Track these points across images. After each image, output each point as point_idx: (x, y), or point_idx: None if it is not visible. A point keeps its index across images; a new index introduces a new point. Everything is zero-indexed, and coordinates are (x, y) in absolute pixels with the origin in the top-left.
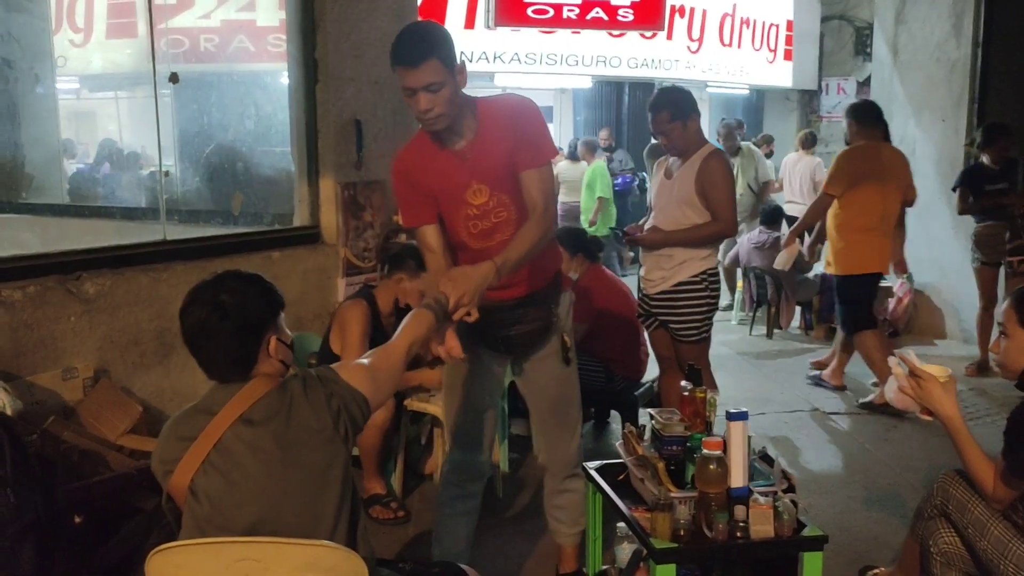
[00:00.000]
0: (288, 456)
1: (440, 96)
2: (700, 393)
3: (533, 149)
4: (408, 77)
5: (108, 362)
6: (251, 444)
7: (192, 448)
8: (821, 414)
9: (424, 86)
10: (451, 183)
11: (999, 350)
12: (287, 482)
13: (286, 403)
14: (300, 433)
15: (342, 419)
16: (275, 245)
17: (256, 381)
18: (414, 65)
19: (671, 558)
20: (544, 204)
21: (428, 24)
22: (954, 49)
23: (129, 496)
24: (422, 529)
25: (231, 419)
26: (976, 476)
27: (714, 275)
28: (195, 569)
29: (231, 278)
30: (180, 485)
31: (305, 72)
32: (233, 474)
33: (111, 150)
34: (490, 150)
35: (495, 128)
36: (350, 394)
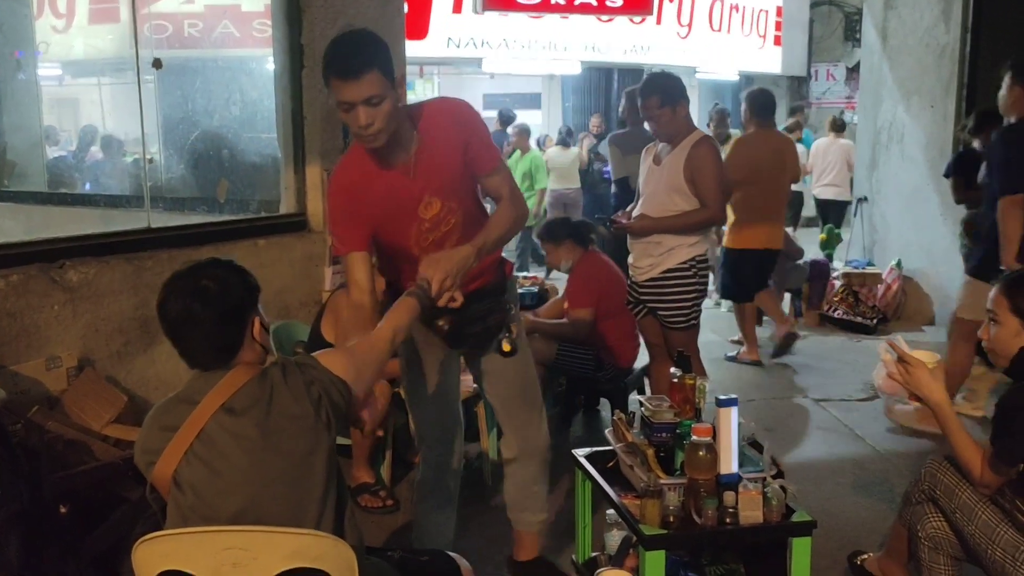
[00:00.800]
0: (270, 444)
1: (380, 110)
2: (689, 380)
3: (486, 152)
4: (345, 90)
5: (92, 351)
6: (233, 433)
7: (175, 438)
8: (810, 400)
9: (364, 100)
10: (400, 201)
11: (988, 336)
12: (270, 470)
13: (267, 391)
14: (281, 421)
15: (323, 405)
16: (261, 233)
17: (237, 370)
18: (353, 77)
19: (660, 544)
20: (510, 190)
21: (365, 32)
22: (943, 34)
23: (114, 486)
24: (411, 518)
25: (213, 408)
26: (964, 461)
27: (703, 262)
28: (182, 558)
29: (208, 265)
30: (164, 475)
31: (291, 58)
32: (216, 463)
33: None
34: (437, 160)
35: (439, 136)
36: (330, 380)
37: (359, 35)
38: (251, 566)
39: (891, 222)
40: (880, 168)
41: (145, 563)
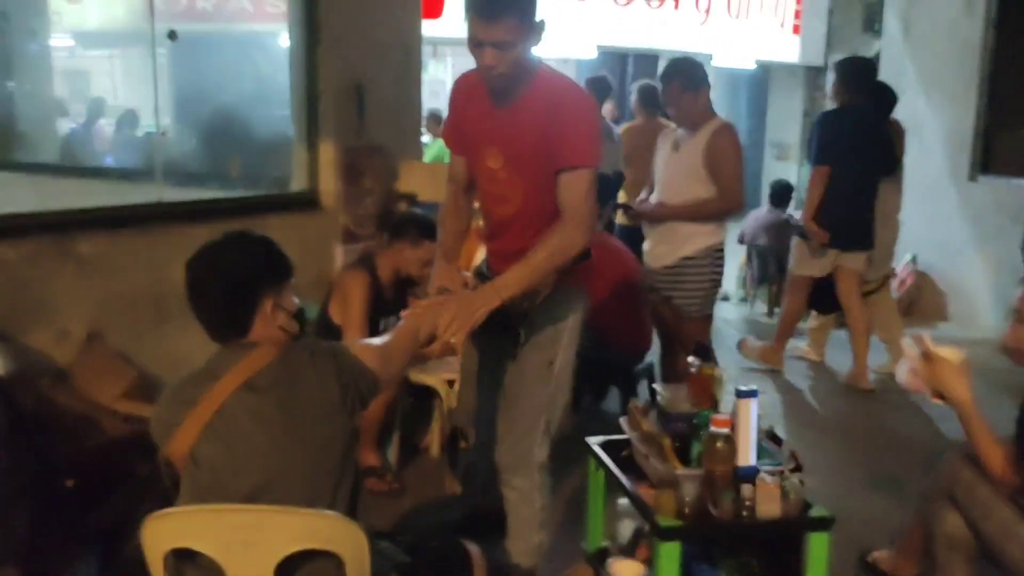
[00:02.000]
0: (291, 424)
1: (508, 55)
2: (708, 370)
3: (565, 149)
4: (479, 29)
5: (103, 325)
6: (254, 411)
7: (194, 412)
8: (823, 394)
9: (494, 42)
10: (477, 134)
11: (1014, 338)
12: (288, 451)
13: (292, 371)
14: (304, 403)
15: (350, 394)
16: (272, 210)
17: (262, 348)
18: (490, 19)
19: (676, 536)
20: (572, 212)
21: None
22: (967, 28)
23: (122, 461)
24: (416, 502)
25: (235, 384)
26: (986, 460)
27: (719, 251)
28: (192, 536)
29: (237, 238)
30: (180, 450)
31: (306, 33)
32: (234, 440)
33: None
34: (521, 123)
35: (533, 108)
36: (360, 370)
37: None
38: (262, 545)
39: (907, 216)
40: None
41: (154, 540)
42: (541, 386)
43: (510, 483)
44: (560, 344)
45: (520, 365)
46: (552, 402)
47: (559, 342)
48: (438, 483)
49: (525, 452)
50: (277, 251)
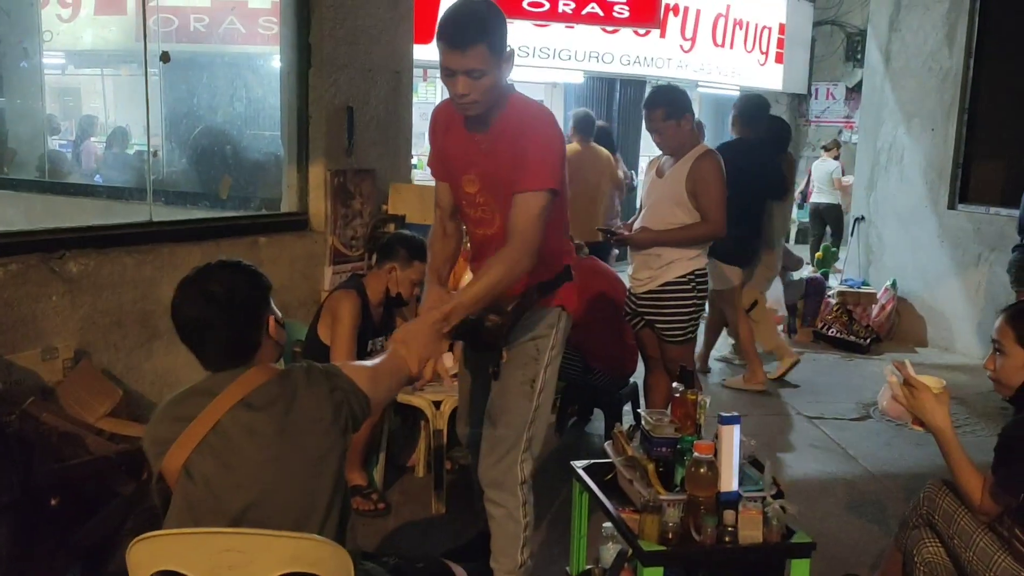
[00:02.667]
0: (286, 442)
1: (480, 83)
2: (691, 395)
3: (526, 171)
4: (450, 58)
5: (89, 343)
6: (250, 428)
7: (188, 429)
8: (803, 418)
9: (466, 71)
10: (455, 161)
11: (994, 367)
12: (283, 468)
13: (288, 390)
14: (300, 421)
15: (343, 413)
16: (262, 230)
17: (257, 368)
18: (460, 48)
19: (658, 560)
20: (520, 235)
21: (484, 3)
22: (946, 58)
23: (107, 479)
24: (402, 522)
25: (231, 402)
26: (965, 488)
27: (702, 276)
28: (178, 559)
29: (215, 268)
30: (174, 465)
31: (298, 56)
32: (229, 457)
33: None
34: (495, 150)
35: (507, 133)
36: (353, 390)
37: (479, 5)
38: (248, 569)
39: (887, 243)
40: (878, 189)
41: (140, 562)
42: (524, 403)
43: (494, 500)
44: (542, 363)
45: (503, 383)
46: (535, 419)
47: (541, 361)
48: (424, 503)
49: (508, 468)
50: (254, 270)
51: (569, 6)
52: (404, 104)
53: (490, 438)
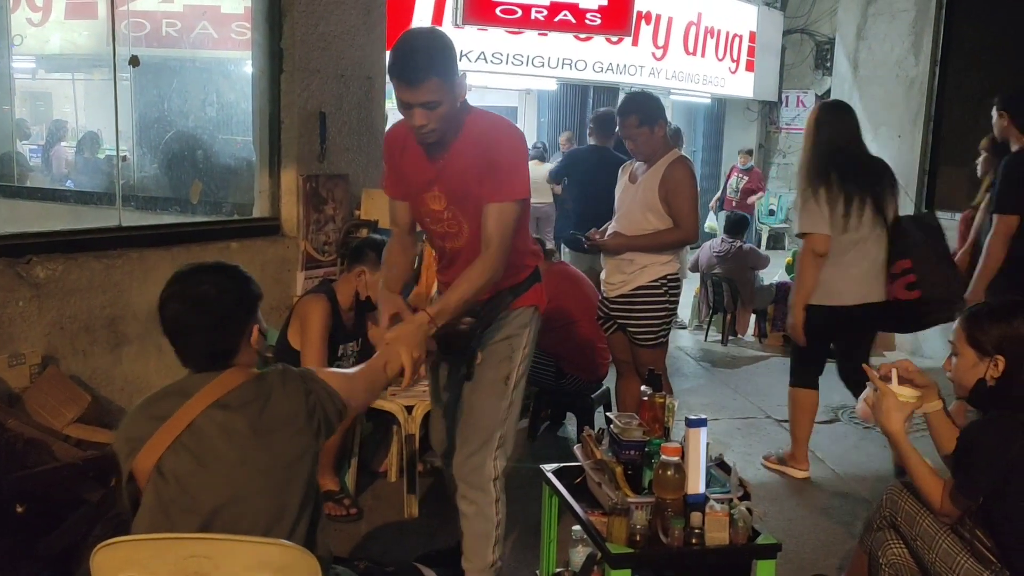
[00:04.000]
0: (260, 443)
1: (437, 113)
2: (659, 398)
3: (497, 183)
4: (405, 93)
5: (57, 349)
6: (224, 427)
7: (163, 427)
8: (773, 421)
9: (421, 103)
10: (417, 179)
11: (951, 368)
12: (256, 468)
13: (264, 392)
14: (274, 421)
15: (316, 415)
16: (233, 235)
17: (234, 370)
18: (413, 84)
19: (626, 563)
20: (497, 243)
21: (430, 35)
22: (912, 67)
23: (74, 486)
24: (374, 526)
25: (206, 402)
26: (923, 490)
27: (674, 280)
28: (143, 565)
29: (210, 269)
30: (146, 464)
31: (270, 61)
32: (204, 455)
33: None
34: (458, 167)
35: (469, 148)
36: (328, 394)
37: (425, 39)
38: (214, 574)
39: None
40: None
41: (104, 568)
42: (497, 400)
43: (467, 496)
44: (515, 361)
45: (477, 382)
46: (507, 417)
47: (514, 359)
48: (396, 507)
49: (480, 464)
50: (248, 277)
51: (542, 13)
52: (377, 109)
53: (463, 434)
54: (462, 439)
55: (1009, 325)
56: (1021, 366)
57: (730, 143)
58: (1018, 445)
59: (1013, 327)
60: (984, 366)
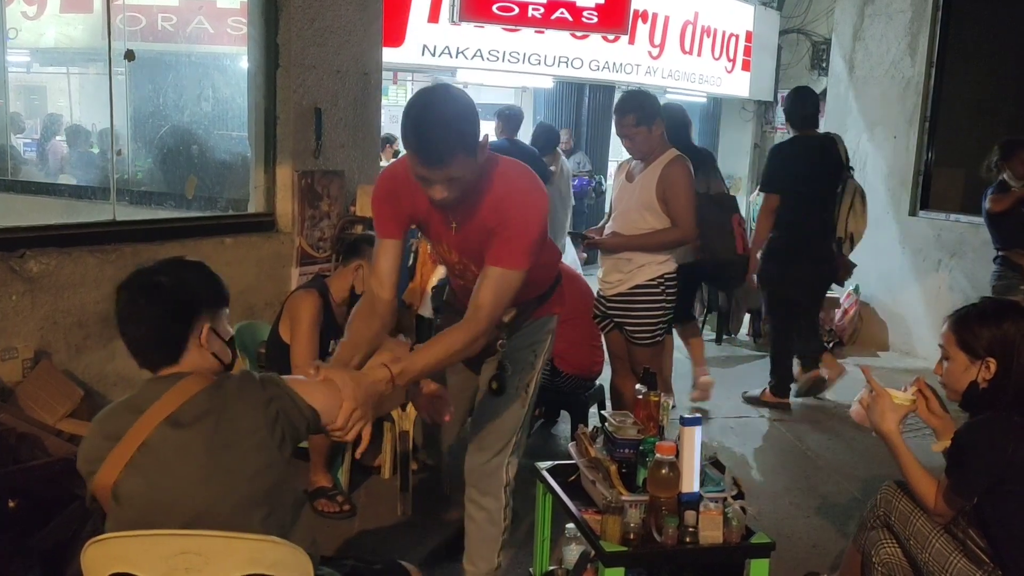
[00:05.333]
0: (216, 459)
1: (458, 184)
2: (654, 397)
3: (504, 247)
4: (425, 171)
5: (50, 343)
6: (178, 446)
7: (116, 448)
8: (767, 420)
9: (444, 180)
10: (434, 226)
11: (942, 371)
12: (214, 486)
13: (219, 402)
14: (230, 435)
15: (279, 424)
16: (228, 231)
17: (188, 379)
18: (437, 165)
19: (620, 561)
20: (488, 311)
21: (452, 102)
22: (908, 68)
23: (66, 482)
24: (367, 523)
25: (158, 419)
26: (918, 491)
27: (671, 280)
28: (133, 561)
29: (173, 262)
30: (103, 486)
31: (266, 56)
32: (157, 478)
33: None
34: (472, 223)
35: (485, 207)
36: (293, 401)
37: (446, 108)
38: (204, 571)
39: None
40: None
41: (95, 565)
42: (519, 407)
43: (477, 501)
44: (537, 367)
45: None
46: (524, 421)
47: (536, 365)
48: (390, 504)
49: (496, 469)
50: (214, 276)
51: (539, 11)
52: (373, 106)
53: (481, 440)
54: (479, 444)
55: (998, 327)
56: (1012, 368)
57: (726, 142)
58: (1012, 446)
59: (1002, 329)
60: (975, 369)
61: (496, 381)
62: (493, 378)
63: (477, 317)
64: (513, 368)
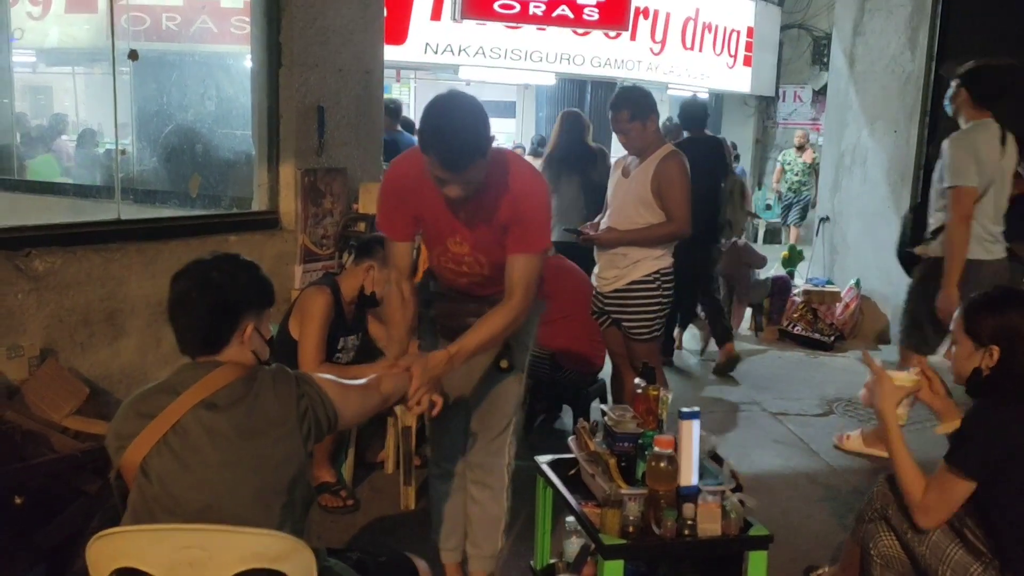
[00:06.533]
0: (244, 445)
1: (472, 185)
2: (653, 391)
3: (525, 236)
4: (446, 175)
5: (55, 341)
6: (210, 428)
7: (150, 426)
8: (767, 414)
9: (463, 182)
10: (439, 222)
11: (951, 357)
12: (239, 471)
13: (252, 391)
14: (260, 423)
15: (307, 420)
16: (232, 229)
17: (225, 367)
18: (458, 171)
19: (619, 554)
20: (521, 293)
21: (470, 110)
22: (909, 62)
23: (72, 478)
24: (371, 518)
25: (193, 401)
26: (902, 480)
27: (668, 275)
28: (137, 556)
29: (227, 259)
30: (132, 462)
31: (268, 56)
32: (187, 457)
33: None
34: (483, 217)
35: (497, 198)
36: (321, 400)
37: (468, 120)
38: (209, 566)
39: (851, 243)
40: (843, 190)
41: (99, 559)
42: (516, 387)
43: (484, 482)
44: (529, 347)
45: (495, 372)
46: (520, 403)
47: (529, 346)
48: (394, 499)
49: (500, 448)
50: (265, 278)
51: (540, 8)
52: (375, 104)
53: (484, 422)
54: (484, 426)
55: (1003, 315)
56: (1015, 356)
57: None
58: (1012, 434)
59: (1007, 317)
60: (980, 355)
61: (506, 359)
62: (503, 357)
63: (512, 301)
64: (515, 348)
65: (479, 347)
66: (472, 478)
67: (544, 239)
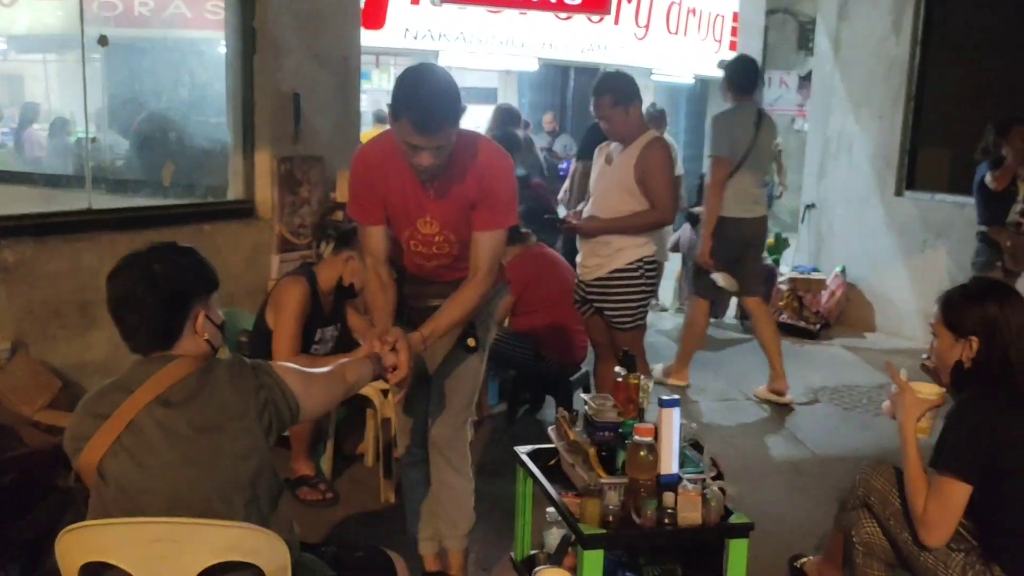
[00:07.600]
0: (202, 442)
1: (443, 153)
2: (633, 379)
3: (491, 213)
4: (419, 139)
5: (26, 334)
6: (165, 426)
7: (104, 426)
8: (754, 403)
9: (434, 148)
10: (407, 203)
11: (933, 350)
12: (198, 468)
13: (208, 385)
14: (218, 418)
15: (267, 412)
16: (207, 218)
17: (179, 361)
18: (432, 133)
19: (599, 544)
20: (486, 269)
21: (445, 78)
22: (893, 47)
23: (45, 473)
24: (350, 511)
25: (147, 399)
26: (911, 495)
27: (651, 263)
28: (107, 550)
29: (165, 248)
30: (89, 464)
31: (243, 41)
32: (143, 457)
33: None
34: (453, 193)
35: (464, 174)
36: (281, 391)
37: (443, 83)
38: (180, 559)
39: (837, 230)
40: (828, 176)
41: (69, 554)
42: (478, 364)
43: (449, 459)
44: (491, 329)
45: (459, 350)
46: (482, 377)
47: (491, 328)
48: (373, 491)
49: (462, 425)
50: (205, 261)
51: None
52: (352, 91)
53: (448, 402)
54: (447, 407)
55: (981, 306)
56: (993, 346)
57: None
58: (1000, 422)
59: (985, 308)
60: (960, 347)
61: (472, 338)
62: (468, 336)
63: (478, 277)
64: (479, 326)
65: (450, 325)
66: (439, 458)
67: (511, 216)
